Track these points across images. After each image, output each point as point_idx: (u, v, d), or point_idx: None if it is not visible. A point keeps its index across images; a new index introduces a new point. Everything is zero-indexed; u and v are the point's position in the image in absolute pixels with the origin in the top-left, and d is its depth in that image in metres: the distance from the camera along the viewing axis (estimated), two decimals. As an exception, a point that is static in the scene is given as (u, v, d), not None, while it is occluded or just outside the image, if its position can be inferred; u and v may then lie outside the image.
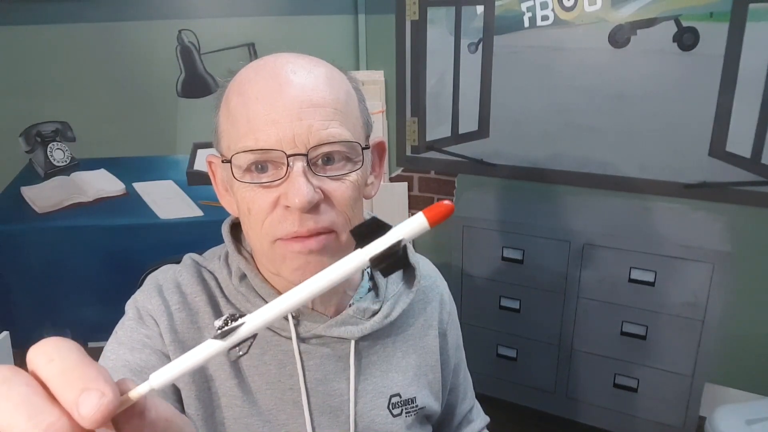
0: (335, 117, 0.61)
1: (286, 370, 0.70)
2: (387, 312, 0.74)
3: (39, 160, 2.14)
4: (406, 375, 0.77)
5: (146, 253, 2.12)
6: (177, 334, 0.68)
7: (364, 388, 0.73)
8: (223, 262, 0.73)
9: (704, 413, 1.86)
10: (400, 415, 0.76)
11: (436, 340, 0.81)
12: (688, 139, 1.81)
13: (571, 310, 2.04)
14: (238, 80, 0.64)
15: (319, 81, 0.61)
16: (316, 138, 0.59)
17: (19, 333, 2.02)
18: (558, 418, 2.15)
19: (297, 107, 0.59)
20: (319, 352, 0.71)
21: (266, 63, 0.63)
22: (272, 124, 0.59)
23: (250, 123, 0.60)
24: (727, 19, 1.67)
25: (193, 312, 0.70)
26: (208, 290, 0.72)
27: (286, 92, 0.59)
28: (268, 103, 0.59)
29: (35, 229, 2.14)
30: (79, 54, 2.07)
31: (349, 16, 2.16)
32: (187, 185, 2.18)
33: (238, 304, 0.71)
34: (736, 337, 1.91)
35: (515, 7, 1.93)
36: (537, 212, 2.08)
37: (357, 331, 0.71)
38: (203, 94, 2.11)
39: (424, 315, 0.81)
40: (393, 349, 0.77)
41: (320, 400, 0.71)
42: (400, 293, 0.76)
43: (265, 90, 0.60)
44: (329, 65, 0.66)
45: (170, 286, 0.71)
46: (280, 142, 0.59)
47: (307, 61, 0.64)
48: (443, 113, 2.17)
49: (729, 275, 1.81)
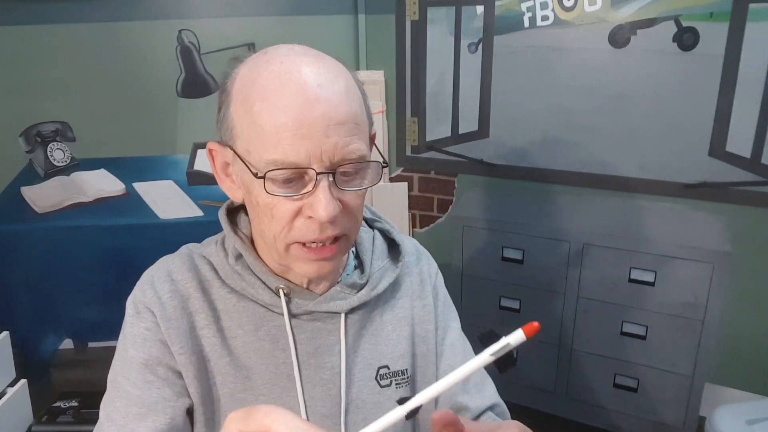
0: (355, 132, 0.65)
1: (278, 345, 0.74)
2: (373, 285, 0.78)
3: (39, 160, 2.14)
4: (398, 347, 0.80)
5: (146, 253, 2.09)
6: (170, 322, 0.72)
7: (353, 360, 0.77)
8: (220, 246, 0.77)
9: (704, 413, 1.86)
10: (390, 386, 0.79)
11: (425, 310, 0.84)
12: (688, 139, 1.81)
13: (570, 310, 2.04)
14: (260, 83, 0.64)
15: (342, 96, 0.64)
16: (340, 154, 0.63)
17: (19, 333, 2.02)
18: (558, 418, 2.15)
19: (325, 124, 0.62)
20: (311, 327, 0.76)
21: (289, 69, 0.64)
22: (302, 139, 0.62)
23: (279, 135, 0.62)
24: (727, 19, 1.67)
25: (184, 298, 0.74)
26: (198, 276, 0.75)
27: (315, 108, 0.62)
28: (297, 118, 0.61)
29: (35, 229, 2.13)
30: (79, 54, 2.07)
31: (349, 16, 2.17)
32: (187, 185, 2.19)
33: (233, 284, 0.75)
34: (736, 337, 1.91)
35: (515, 7, 1.93)
36: (537, 212, 2.08)
37: (345, 305, 0.76)
38: (203, 94, 2.12)
39: (411, 287, 0.84)
40: (381, 323, 0.80)
41: (312, 373, 0.75)
42: (385, 268, 0.81)
43: (294, 103, 0.62)
44: (341, 67, 0.68)
45: (161, 275, 0.75)
46: (309, 158, 0.62)
47: (326, 68, 0.65)
48: (443, 113, 2.17)
49: (729, 275, 1.81)
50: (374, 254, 0.82)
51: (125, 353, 0.73)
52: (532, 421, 0.61)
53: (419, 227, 2.34)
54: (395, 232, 0.85)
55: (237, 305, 0.75)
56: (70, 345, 2.34)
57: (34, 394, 1.70)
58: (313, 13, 2.14)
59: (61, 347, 2.31)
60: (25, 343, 2.17)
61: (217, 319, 0.74)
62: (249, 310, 0.75)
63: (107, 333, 2.27)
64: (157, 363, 0.72)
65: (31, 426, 1.69)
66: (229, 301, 0.75)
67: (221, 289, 0.75)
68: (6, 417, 1.57)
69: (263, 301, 0.74)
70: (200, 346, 0.73)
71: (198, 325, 0.73)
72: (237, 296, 0.75)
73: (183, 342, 0.72)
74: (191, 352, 0.72)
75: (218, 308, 0.75)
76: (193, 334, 0.73)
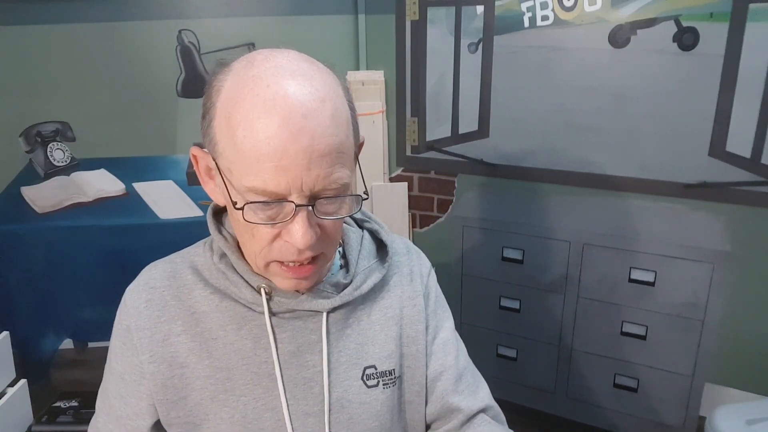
0: (339, 160, 0.64)
1: (260, 344, 0.75)
2: (357, 285, 0.78)
3: (39, 160, 2.14)
4: (385, 347, 0.80)
5: (146, 253, 2.09)
6: (143, 331, 0.74)
7: (337, 360, 0.77)
8: (208, 246, 0.79)
9: (704, 413, 1.86)
10: (377, 386, 0.79)
11: (415, 310, 0.84)
12: (687, 139, 1.81)
13: (571, 310, 2.04)
14: (243, 106, 0.62)
15: (327, 126, 0.62)
16: (321, 185, 0.63)
17: (19, 333, 2.02)
18: (558, 418, 2.15)
19: (308, 157, 0.61)
20: (292, 325, 0.76)
21: (275, 92, 0.61)
22: (283, 171, 0.61)
23: (260, 164, 0.61)
24: (727, 19, 1.67)
25: (160, 306, 0.75)
26: (177, 282, 0.77)
27: (298, 140, 0.61)
28: (279, 151, 0.61)
29: (35, 229, 2.13)
30: (79, 54, 2.07)
31: (349, 16, 2.16)
32: (187, 185, 2.18)
33: (216, 283, 0.76)
34: (736, 337, 1.91)
35: (515, 7, 1.93)
36: (537, 212, 2.08)
37: (328, 304, 0.76)
38: (203, 94, 2.11)
39: (400, 287, 0.84)
40: (369, 323, 0.80)
41: (294, 372, 0.75)
42: (372, 269, 0.81)
43: (277, 135, 0.60)
44: (328, 83, 0.65)
45: (141, 285, 0.77)
46: (289, 189, 0.62)
47: (313, 89, 0.62)
48: (443, 113, 2.17)
49: (729, 275, 1.82)
50: (361, 254, 0.81)
51: (108, 364, 0.79)
52: (532, 421, 0.61)
53: (419, 227, 2.34)
54: (384, 232, 0.85)
55: (219, 305, 0.75)
56: (70, 345, 2.34)
57: (34, 394, 1.70)
58: (313, 13, 2.14)
59: (61, 347, 2.31)
60: (25, 343, 2.17)
61: (197, 322, 0.75)
62: (231, 310, 0.75)
63: (107, 333, 2.25)
64: (127, 376, 0.76)
65: (31, 426, 1.69)
66: (211, 302, 0.75)
67: (203, 290, 0.76)
68: (6, 417, 1.57)
69: (245, 300, 0.74)
70: (174, 354, 0.74)
71: (173, 332, 0.75)
72: (220, 296, 0.75)
73: (153, 350, 0.74)
74: (160, 360, 0.74)
75: (199, 311, 0.75)
76: (167, 342, 0.74)
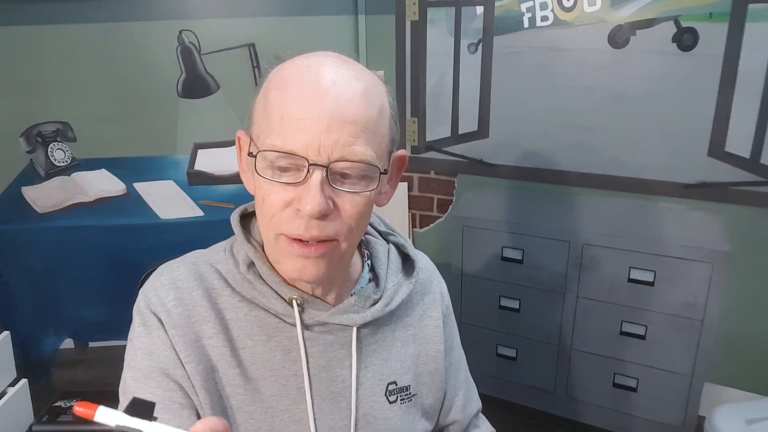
0: (362, 135, 0.63)
1: (290, 357, 0.73)
2: (387, 301, 0.77)
3: (40, 160, 2.14)
4: (404, 364, 0.80)
5: (146, 253, 2.11)
6: (177, 329, 0.71)
7: (364, 375, 0.76)
8: (229, 253, 0.75)
9: (703, 413, 1.86)
10: (396, 402, 0.79)
11: (436, 331, 0.84)
12: (687, 139, 1.81)
13: (570, 310, 2.05)
14: (281, 74, 0.66)
15: (356, 96, 0.63)
16: (339, 153, 0.62)
17: (20, 333, 2.02)
18: (558, 418, 2.15)
19: (328, 119, 0.61)
20: (323, 339, 0.74)
21: (311, 64, 0.65)
22: (302, 130, 0.61)
23: (282, 123, 0.62)
24: (727, 19, 1.67)
25: (190, 306, 0.72)
26: (205, 284, 0.73)
27: (321, 102, 0.61)
28: (302, 108, 0.61)
29: (36, 229, 2.14)
30: (80, 54, 2.07)
31: (349, 16, 2.16)
32: (188, 185, 2.19)
33: (244, 292, 0.73)
34: (736, 337, 1.91)
35: (515, 7, 1.93)
36: (537, 212, 2.08)
37: (359, 319, 0.74)
38: (204, 94, 2.11)
39: (422, 305, 0.83)
40: (393, 339, 0.79)
41: (323, 386, 0.74)
42: (399, 284, 0.80)
43: (303, 94, 0.62)
44: (372, 77, 0.67)
45: (165, 283, 0.73)
46: (306, 149, 0.61)
47: (350, 71, 0.65)
48: (443, 113, 2.17)
49: (728, 275, 1.82)
50: (389, 268, 0.80)
51: (135, 363, 0.71)
52: (531, 421, 0.61)
53: (419, 227, 2.34)
54: (410, 247, 0.84)
55: (248, 314, 0.73)
56: (71, 345, 2.34)
57: (35, 393, 1.70)
58: (313, 13, 2.14)
59: (61, 347, 2.31)
60: (25, 342, 2.17)
61: (226, 328, 0.72)
62: (261, 319, 0.73)
63: (108, 333, 2.28)
64: (164, 373, 0.70)
65: (31, 426, 1.70)
66: (239, 310, 0.73)
67: (231, 297, 0.73)
68: (6, 417, 1.58)
69: (275, 311, 0.72)
70: (207, 356, 0.71)
71: (205, 335, 0.71)
72: (248, 305, 0.73)
73: (189, 350, 0.70)
74: (198, 361, 0.70)
75: (227, 317, 0.72)
76: (199, 344, 0.71)
